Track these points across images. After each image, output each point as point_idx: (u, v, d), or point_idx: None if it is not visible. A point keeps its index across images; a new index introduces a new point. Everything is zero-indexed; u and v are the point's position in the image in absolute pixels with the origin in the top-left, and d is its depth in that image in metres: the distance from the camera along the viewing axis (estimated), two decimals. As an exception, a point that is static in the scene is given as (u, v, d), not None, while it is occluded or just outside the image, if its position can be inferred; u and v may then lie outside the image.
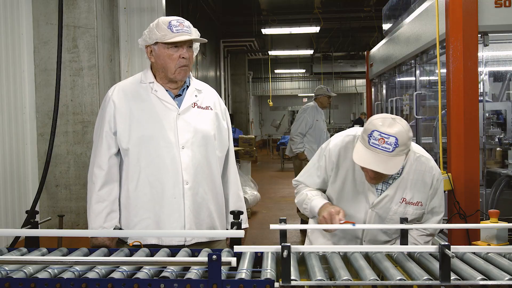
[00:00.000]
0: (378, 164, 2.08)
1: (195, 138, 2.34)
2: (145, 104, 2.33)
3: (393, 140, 2.06)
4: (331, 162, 2.39)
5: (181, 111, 2.34)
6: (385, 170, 2.08)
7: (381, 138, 2.07)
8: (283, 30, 15.03)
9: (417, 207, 2.32)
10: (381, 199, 2.31)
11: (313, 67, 20.40)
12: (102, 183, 2.32)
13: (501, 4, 3.79)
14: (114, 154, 2.34)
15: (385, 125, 2.09)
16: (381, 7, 7.70)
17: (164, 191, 2.29)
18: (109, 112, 2.33)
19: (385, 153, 2.07)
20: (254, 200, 7.71)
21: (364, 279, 1.60)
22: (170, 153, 2.29)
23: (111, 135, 2.32)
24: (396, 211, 2.31)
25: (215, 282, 1.49)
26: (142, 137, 2.29)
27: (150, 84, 2.36)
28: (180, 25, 2.27)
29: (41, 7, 4.11)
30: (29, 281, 1.53)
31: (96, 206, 2.32)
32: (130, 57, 5.02)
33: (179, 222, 2.30)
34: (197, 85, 2.46)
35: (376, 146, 2.08)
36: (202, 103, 2.42)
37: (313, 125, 6.89)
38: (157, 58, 2.33)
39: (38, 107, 4.14)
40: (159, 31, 2.27)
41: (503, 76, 5.08)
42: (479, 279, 1.58)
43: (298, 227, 3.16)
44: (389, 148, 2.06)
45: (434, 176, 2.33)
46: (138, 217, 2.31)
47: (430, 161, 2.34)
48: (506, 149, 4.33)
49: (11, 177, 3.82)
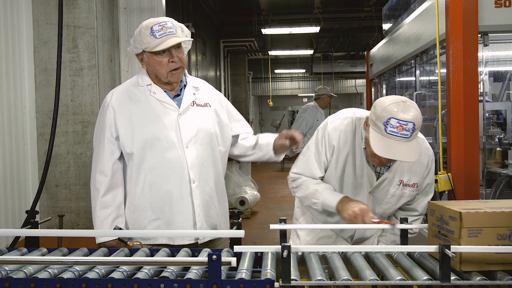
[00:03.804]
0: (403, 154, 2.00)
1: (198, 136, 2.33)
2: (145, 106, 2.32)
3: (411, 126, 1.99)
4: (331, 146, 2.33)
5: (182, 111, 2.33)
6: (409, 158, 2.02)
7: (400, 125, 1.99)
8: (283, 30, 15.02)
9: (413, 188, 2.30)
10: (380, 182, 2.29)
11: (313, 67, 20.36)
12: (106, 189, 2.30)
13: (501, 4, 3.78)
14: (117, 159, 2.32)
15: (400, 110, 2.00)
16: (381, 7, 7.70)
17: (172, 192, 2.29)
18: (109, 117, 2.31)
19: (403, 139, 2.00)
20: (254, 200, 7.71)
21: (364, 279, 1.60)
22: (174, 154, 2.28)
23: (113, 140, 2.31)
24: (393, 194, 2.30)
25: (215, 282, 1.49)
26: (145, 140, 2.28)
27: (148, 87, 2.34)
28: (163, 29, 2.21)
29: (41, 7, 4.11)
30: (29, 281, 1.53)
31: (101, 212, 2.30)
32: (130, 57, 5.01)
33: (189, 221, 2.30)
34: (193, 83, 2.45)
35: (395, 134, 2.00)
36: (200, 100, 2.41)
37: (313, 125, 6.90)
38: (148, 66, 2.32)
39: (38, 107, 4.14)
40: (143, 39, 2.23)
41: (503, 76, 5.08)
42: (479, 279, 1.58)
43: (298, 227, 3.12)
44: (407, 134, 1.99)
45: (430, 157, 2.33)
46: (148, 219, 2.31)
47: (425, 142, 2.33)
48: (506, 149, 4.32)
49: (11, 177, 3.82)
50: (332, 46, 18.53)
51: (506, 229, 1.68)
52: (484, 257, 1.66)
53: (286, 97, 25.68)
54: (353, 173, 2.33)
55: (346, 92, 24.63)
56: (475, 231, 1.68)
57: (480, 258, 1.67)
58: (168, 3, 5.46)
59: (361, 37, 17.70)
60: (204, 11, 12.28)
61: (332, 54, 18.84)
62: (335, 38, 17.98)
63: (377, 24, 13.75)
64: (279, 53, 19.73)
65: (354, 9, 14.91)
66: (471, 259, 1.67)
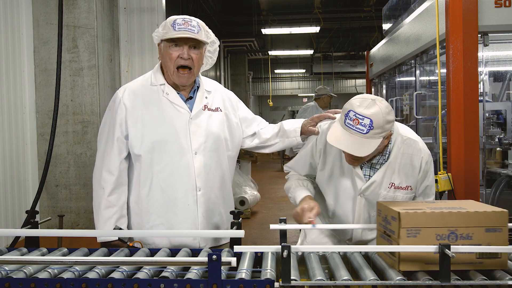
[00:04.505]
0: (349, 145, 2.01)
1: (207, 142, 2.30)
2: (157, 108, 2.27)
3: (368, 122, 1.98)
4: (319, 149, 2.34)
5: (193, 115, 2.29)
6: (354, 152, 2.01)
7: (356, 119, 1.99)
8: (283, 30, 15.02)
9: (406, 191, 2.26)
10: (368, 185, 2.26)
11: (313, 67, 20.37)
12: (112, 188, 2.26)
13: (501, 4, 3.79)
14: (124, 159, 2.29)
15: (362, 105, 2.01)
16: (381, 7, 7.70)
17: (177, 198, 2.26)
18: (120, 115, 2.27)
19: (359, 134, 2.00)
20: (254, 200, 7.71)
21: (364, 279, 1.60)
22: (183, 159, 2.25)
23: (123, 139, 2.27)
24: (385, 197, 2.25)
25: (215, 282, 1.49)
26: (155, 143, 2.24)
27: (161, 87, 2.30)
28: (185, 24, 2.20)
29: (41, 7, 4.11)
30: (29, 281, 1.53)
31: (105, 212, 2.26)
32: (130, 57, 5.01)
33: (192, 228, 2.28)
34: (207, 86, 2.40)
35: (351, 127, 2.01)
36: (212, 105, 2.36)
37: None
38: (161, 57, 2.29)
39: (38, 107, 4.14)
40: (163, 29, 2.23)
41: (503, 76, 5.08)
42: (479, 279, 1.58)
43: (298, 227, 3.10)
44: (363, 130, 1.98)
45: (423, 159, 2.25)
46: (151, 223, 2.29)
47: (418, 143, 2.26)
48: (506, 149, 4.32)
49: (11, 177, 3.82)
50: (332, 46, 18.54)
51: (445, 229, 1.68)
52: (423, 257, 1.66)
53: (286, 97, 25.69)
54: (341, 175, 2.31)
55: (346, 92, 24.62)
56: (414, 231, 1.68)
57: (419, 258, 1.66)
58: (168, 3, 5.45)
59: (361, 37, 17.71)
60: (204, 11, 12.28)
61: (332, 54, 18.85)
62: (335, 38, 17.99)
63: (377, 24, 13.76)
64: (279, 53, 19.74)
65: (354, 9, 14.92)
66: (409, 258, 1.66)
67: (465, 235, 1.68)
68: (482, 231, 1.68)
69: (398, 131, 2.23)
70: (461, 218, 1.68)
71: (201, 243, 2.30)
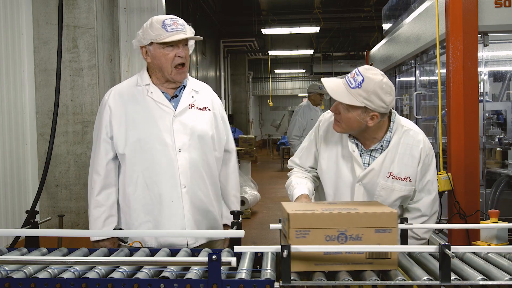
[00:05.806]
0: (333, 89, 2.17)
1: (192, 140, 2.32)
2: (141, 107, 2.32)
3: (360, 80, 2.13)
4: (320, 137, 2.40)
5: (177, 113, 2.32)
6: (332, 93, 2.16)
7: (354, 73, 2.17)
8: (283, 30, 15.03)
9: (405, 182, 2.26)
10: (367, 172, 2.27)
11: (313, 67, 20.38)
12: (100, 188, 2.32)
13: (501, 4, 3.79)
14: (111, 159, 2.34)
15: (369, 70, 2.17)
16: (381, 7, 7.70)
17: (162, 195, 2.29)
18: (105, 117, 2.33)
19: (347, 85, 2.15)
20: (254, 200, 7.71)
21: (364, 279, 1.60)
22: (167, 157, 2.28)
23: (108, 140, 2.32)
24: (383, 186, 2.26)
25: (215, 282, 1.49)
26: (138, 141, 2.29)
27: (146, 87, 2.34)
28: (174, 24, 2.26)
29: (41, 7, 4.11)
30: (29, 281, 1.53)
31: (95, 211, 2.33)
32: (130, 57, 5.01)
33: (179, 226, 2.30)
34: (193, 86, 2.43)
35: (346, 78, 2.18)
36: (199, 104, 2.40)
37: (307, 125, 6.89)
38: (153, 59, 2.32)
39: (38, 107, 4.14)
40: (153, 31, 2.26)
41: (503, 76, 5.08)
42: (479, 279, 1.58)
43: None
44: (352, 84, 2.14)
45: (422, 150, 2.27)
46: (139, 221, 2.32)
47: (419, 135, 2.30)
48: (506, 149, 4.32)
49: (11, 177, 3.82)
50: (332, 46, 18.54)
51: (335, 230, 1.67)
52: (312, 256, 1.65)
53: (286, 97, 25.69)
54: (341, 163, 2.34)
55: (346, 92, 24.54)
56: (303, 232, 1.66)
57: (308, 258, 1.65)
58: (168, 3, 5.46)
59: (361, 37, 17.71)
60: (204, 11, 12.28)
61: (332, 54, 18.85)
62: (335, 38, 17.99)
63: (377, 24, 13.76)
64: (279, 53, 19.74)
65: (354, 9, 14.92)
66: (298, 258, 1.65)
67: (355, 236, 1.68)
68: (372, 232, 1.68)
69: (399, 122, 2.29)
70: (350, 219, 1.68)
71: (190, 240, 2.31)
